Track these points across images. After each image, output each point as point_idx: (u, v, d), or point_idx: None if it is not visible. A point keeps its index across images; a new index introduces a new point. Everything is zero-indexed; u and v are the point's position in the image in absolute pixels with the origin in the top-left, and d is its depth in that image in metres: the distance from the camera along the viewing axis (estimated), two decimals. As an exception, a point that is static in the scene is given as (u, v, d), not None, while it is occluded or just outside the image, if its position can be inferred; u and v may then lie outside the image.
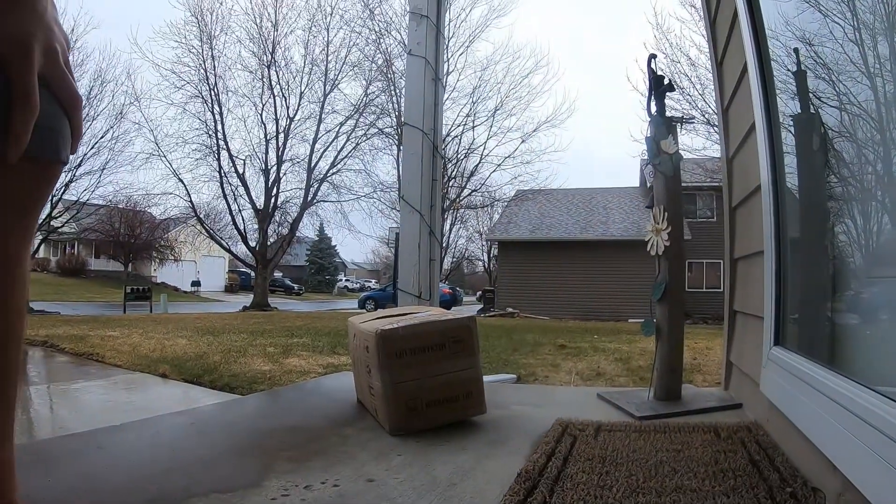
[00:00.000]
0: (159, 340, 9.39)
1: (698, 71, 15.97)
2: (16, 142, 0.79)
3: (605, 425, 1.78)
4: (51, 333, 9.95)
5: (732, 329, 2.40)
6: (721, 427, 1.73)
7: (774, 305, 1.71)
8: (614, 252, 20.90)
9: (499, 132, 25.85)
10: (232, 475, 1.33)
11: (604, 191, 25.72)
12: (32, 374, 7.19)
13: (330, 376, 3.20)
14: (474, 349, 1.80)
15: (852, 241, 1.41)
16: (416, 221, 3.16)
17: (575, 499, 1.18)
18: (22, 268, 0.90)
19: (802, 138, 1.65)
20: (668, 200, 2.20)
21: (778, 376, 1.55)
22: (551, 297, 21.32)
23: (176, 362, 7.38)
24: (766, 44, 1.81)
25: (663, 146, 2.20)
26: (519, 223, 23.47)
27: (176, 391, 6.24)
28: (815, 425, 1.22)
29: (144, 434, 1.68)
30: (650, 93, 2.29)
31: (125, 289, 21.46)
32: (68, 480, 1.25)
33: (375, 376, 1.73)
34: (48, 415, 5.17)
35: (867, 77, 1.20)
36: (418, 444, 1.59)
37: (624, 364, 7.59)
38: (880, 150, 1.23)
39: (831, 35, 1.36)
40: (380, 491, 1.25)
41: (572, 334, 12.17)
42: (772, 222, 1.74)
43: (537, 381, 6.46)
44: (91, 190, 20.97)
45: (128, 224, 32.30)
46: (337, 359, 7.62)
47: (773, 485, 1.24)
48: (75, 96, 0.92)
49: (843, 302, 1.47)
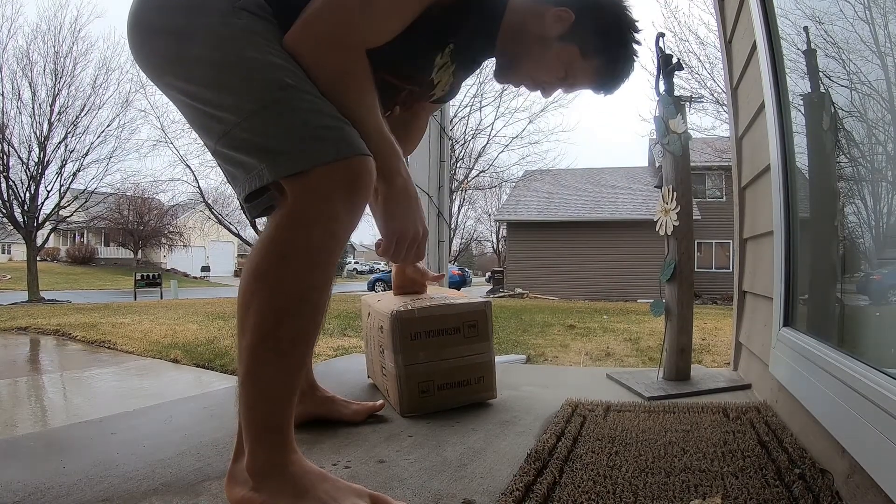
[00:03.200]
0: (170, 326, 9.47)
1: (707, 49, 15.82)
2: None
3: (614, 406, 1.79)
4: (62, 322, 10.04)
5: (742, 310, 2.39)
6: (730, 408, 1.73)
7: (784, 286, 1.71)
8: (623, 232, 20.83)
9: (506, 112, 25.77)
10: (245, 459, 1.34)
11: (612, 171, 25.58)
12: (45, 362, 7.27)
13: (341, 358, 3.23)
14: (488, 334, 1.81)
15: (862, 222, 1.40)
16: (425, 203, 3.16)
17: (585, 479, 1.19)
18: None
19: (812, 118, 1.64)
20: (677, 180, 2.19)
21: (787, 357, 1.55)
22: (560, 277, 21.31)
23: (187, 348, 7.44)
24: (776, 22, 1.79)
25: (672, 126, 2.18)
26: (528, 204, 23.41)
27: (188, 376, 6.30)
28: (824, 406, 1.22)
29: (157, 419, 1.70)
30: (658, 72, 2.26)
31: (135, 276, 21.62)
32: (82, 467, 1.27)
33: (389, 357, 1.73)
34: (62, 403, 5.23)
35: (878, 56, 1.19)
36: (429, 426, 1.60)
37: (633, 344, 7.59)
38: (891, 131, 1.22)
39: (841, 13, 1.34)
40: (391, 472, 1.27)
41: (582, 315, 12.17)
42: (781, 202, 1.73)
43: (547, 361, 6.48)
44: (99, 178, 21.03)
45: (136, 211, 32.47)
46: (347, 341, 7.66)
47: (781, 466, 1.24)
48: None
49: (853, 283, 1.46)
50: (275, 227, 1.01)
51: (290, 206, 0.99)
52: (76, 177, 19.77)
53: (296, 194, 0.99)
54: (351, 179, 1.00)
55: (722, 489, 1.13)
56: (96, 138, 19.88)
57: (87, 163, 19.95)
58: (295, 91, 1.01)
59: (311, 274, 1.01)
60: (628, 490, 1.13)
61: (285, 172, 0.98)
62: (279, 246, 1.00)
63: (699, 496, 1.10)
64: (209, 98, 1.05)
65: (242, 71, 1.02)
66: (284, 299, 1.00)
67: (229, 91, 1.03)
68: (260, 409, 1.02)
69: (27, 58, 18.61)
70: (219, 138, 1.05)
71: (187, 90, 1.08)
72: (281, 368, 1.02)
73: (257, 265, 1.01)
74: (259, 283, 1.01)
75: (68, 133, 19.12)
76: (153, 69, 1.14)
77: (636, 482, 1.17)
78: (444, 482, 1.21)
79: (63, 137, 19.07)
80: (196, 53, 1.05)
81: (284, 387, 1.03)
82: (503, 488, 1.16)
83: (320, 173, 0.98)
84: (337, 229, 1.01)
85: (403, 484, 1.21)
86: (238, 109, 1.02)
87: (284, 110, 1.01)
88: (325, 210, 0.99)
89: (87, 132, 19.60)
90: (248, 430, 1.03)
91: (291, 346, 1.02)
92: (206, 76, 1.05)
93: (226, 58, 1.03)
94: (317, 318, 1.04)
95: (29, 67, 18.63)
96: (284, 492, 0.99)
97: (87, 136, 19.64)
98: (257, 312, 1.00)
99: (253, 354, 1.00)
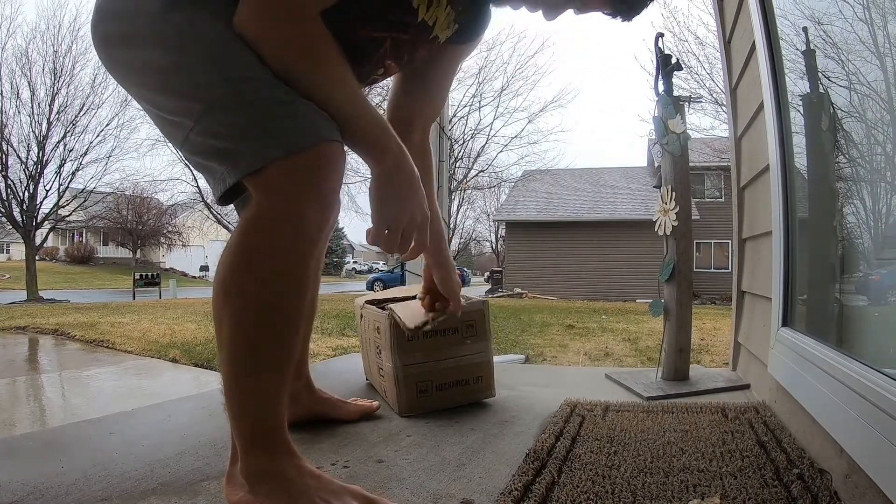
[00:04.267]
0: (169, 326, 9.46)
1: (706, 50, 15.86)
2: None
3: (613, 406, 1.79)
4: (61, 321, 10.04)
5: (740, 310, 2.39)
6: (729, 408, 1.73)
7: (783, 286, 1.71)
8: (622, 232, 20.84)
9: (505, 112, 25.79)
10: (243, 459, 1.34)
11: (611, 171, 25.59)
12: (44, 362, 7.27)
13: (339, 358, 3.22)
14: (487, 334, 1.80)
15: (861, 223, 1.40)
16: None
17: (583, 478, 1.19)
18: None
19: (811, 118, 1.64)
20: (676, 180, 2.19)
21: (786, 357, 1.55)
22: (559, 277, 21.32)
23: (186, 347, 7.44)
24: (775, 22, 1.79)
25: (671, 126, 2.18)
26: (526, 203, 23.41)
27: (187, 376, 6.30)
28: (823, 407, 1.22)
29: (156, 419, 1.70)
30: (658, 72, 2.26)
31: (134, 275, 21.60)
32: (81, 467, 1.27)
33: (385, 357, 1.72)
34: (61, 402, 5.23)
35: (877, 57, 1.19)
36: (428, 426, 1.60)
37: (632, 344, 7.60)
38: (890, 131, 1.22)
39: (840, 14, 1.34)
40: (390, 472, 1.27)
41: (580, 315, 12.18)
42: (780, 202, 1.73)
43: (545, 361, 6.49)
44: (98, 178, 21.10)
45: (135, 211, 32.46)
46: (346, 341, 7.66)
47: (780, 466, 1.24)
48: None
49: (852, 284, 1.46)
50: (237, 232, 0.96)
51: (252, 209, 0.94)
52: (75, 176, 19.84)
53: (257, 195, 0.93)
54: (313, 171, 0.93)
55: (720, 489, 1.13)
56: (95, 137, 19.95)
57: (86, 162, 20.02)
58: (241, 83, 0.93)
59: (279, 280, 0.95)
60: (627, 490, 1.13)
61: (241, 174, 0.92)
62: (243, 254, 0.95)
63: (698, 496, 1.10)
64: (163, 104, 1.00)
65: (188, 70, 0.95)
66: (254, 311, 0.95)
67: (178, 94, 0.97)
68: (246, 418, 0.99)
69: (26, 57, 18.65)
70: (181, 145, 0.99)
71: (147, 97, 1.03)
72: (261, 379, 0.98)
73: (223, 276, 0.96)
74: (227, 296, 0.96)
75: (67, 132, 19.15)
76: (121, 81, 1.08)
77: (635, 482, 1.17)
78: (443, 482, 1.21)
79: (62, 137, 19.10)
80: (145, 58, 0.99)
81: (267, 395, 0.99)
82: (502, 488, 1.16)
83: (277, 170, 0.91)
84: (305, 228, 0.94)
85: (402, 484, 1.20)
86: (189, 112, 0.95)
87: (230, 106, 0.93)
88: (287, 209, 0.93)
89: (85, 131, 19.65)
90: (237, 437, 1.01)
91: (270, 357, 0.97)
92: (158, 81, 0.99)
93: (169, 58, 0.96)
94: (293, 326, 0.99)
95: (28, 66, 18.68)
96: (279, 495, 0.97)
97: (85, 136, 19.70)
98: (229, 326, 0.96)
99: (232, 368, 0.97)
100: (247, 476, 1.00)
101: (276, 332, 0.97)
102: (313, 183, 0.93)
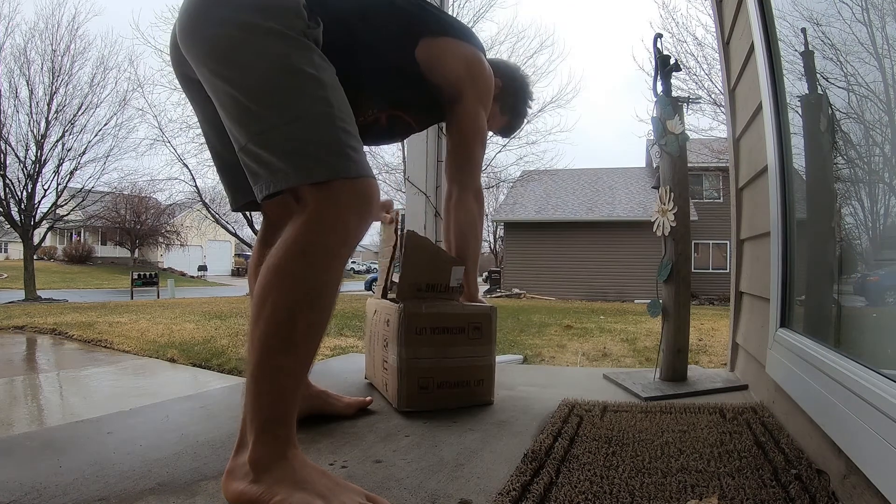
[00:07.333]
0: (167, 325, 9.46)
1: (705, 51, 15.83)
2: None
3: (611, 406, 1.79)
4: (59, 321, 10.03)
5: (739, 310, 2.40)
6: (727, 408, 1.73)
7: (781, 287, 1.71)
8: (620, 232, 20.84)
9: (504, 113, 25.61)
10: (242, 459, 1.34)
11: (610, 171, 25.59)
12: (42, 361, 7.26)
13: (338, 358, 3.22)
14: (491, 338, 1.82)
15: (859, 224, 1.40)
16: (422, 203, 3.16)
17: (581, 479, 1.19)
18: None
19: (810, 119, 1.64)
20: (674, 181, 2.19)
21: (784, 358, 1.55)
22: (557, 277, 21.31)
23: (184, 347, 7.44)
24: (774, 23, 1.79)
25: (669, 126, 2.18)
26: (525, 204, 23.40)
27: (185, 375, 6.30)
28: (820, 407, 1.23)
29: (154, 419, 1.70)
30: (656, 73, 2.26)
31: (132, 275, 21.56)
32: (79, 466, 1.27)
33: (392, 350, 1.74)
34: (58, 402, 5.22)
35: (875, 58, 1.19)
36: (426, 426, 1.60)
37: (630, 345, 7.61)
38: (888, 132, 1.22)
39: (839, 15, 1.34)
40: (388, 472, 1.27)
41: (578, 315, 12.19)
42: (778, 203, 1.73)
43: (544, 361, 6.49)
44: (96, 177, 21.02)
45: (133, 210, 32.43)
46: (344, 341, 7.66)
47: (777, 466, 1.24)
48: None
49: (850, 284, 1.46)
50: (296, 229, 1.08)
51: (311, 211, 1.07)
52: (73, 175, 19.77)
53: (318, 200, 1.07)
54: (363, 196, 1.11)
55: (718, 490, 1.13)
56: (94, 137, 19.89)
57: (85, 161, 19.95)
58: (335, 111, 1.12)
59: (326, 272, 1.09)
60: (625, 490, 1.14)
61: (314, 179, 1.07)
62: (299, 245, 1.07)
63: (696, 496, 1.10)
64: (257, 96, 1.12)
65: (298, 80, 1.12)
66: (302, 292, 1.06)
67: (280, 94, 1.11)
68: (266, 399, 1.06)
69: (24, 56, 18.59)
70: (253, 135, 1.11)
71: (238, 82, 1.14)
72: (291, 359, 1.06)
73: (278, 261, 1.07)
74: (278, 278, 1.06)
75: (65, 131, 19.10)
76: (204, 53, 1.18)
77: (633, 482, 1.17)
78: (441, 482, 1.21)
79: (60, 136, 19.04)
80: (259, 49, 1.13)
81: (292, 378, 1.08)
82: (500, 488, 1.16)
83: (341, 185, 1.08)
84: (348, 237, 1.10)
85: (400, 484, 1.20)
86: (282, 114, 1.10)
87: (323, 125, 1.11)
88: (341, 217, 1.08)
89: (84, 131, 19.59)
90: (252, 419, 1.06)
91: (303, 338, 1.07)
92: (263, 74, 1.12)
93: (286, 63, 1.12)
94: (328, 314, 1.10)
95: (26, 65, 18.61)
96: (284, 482, 1.02)
97: (84, 135, 19.64)
98: (273, 304, 1.05)
99: (265, 344, 1.05)
100: (254, 462, 1.04)
101: (315, 316, 1.08)
102: (363, 203, 1.11)
